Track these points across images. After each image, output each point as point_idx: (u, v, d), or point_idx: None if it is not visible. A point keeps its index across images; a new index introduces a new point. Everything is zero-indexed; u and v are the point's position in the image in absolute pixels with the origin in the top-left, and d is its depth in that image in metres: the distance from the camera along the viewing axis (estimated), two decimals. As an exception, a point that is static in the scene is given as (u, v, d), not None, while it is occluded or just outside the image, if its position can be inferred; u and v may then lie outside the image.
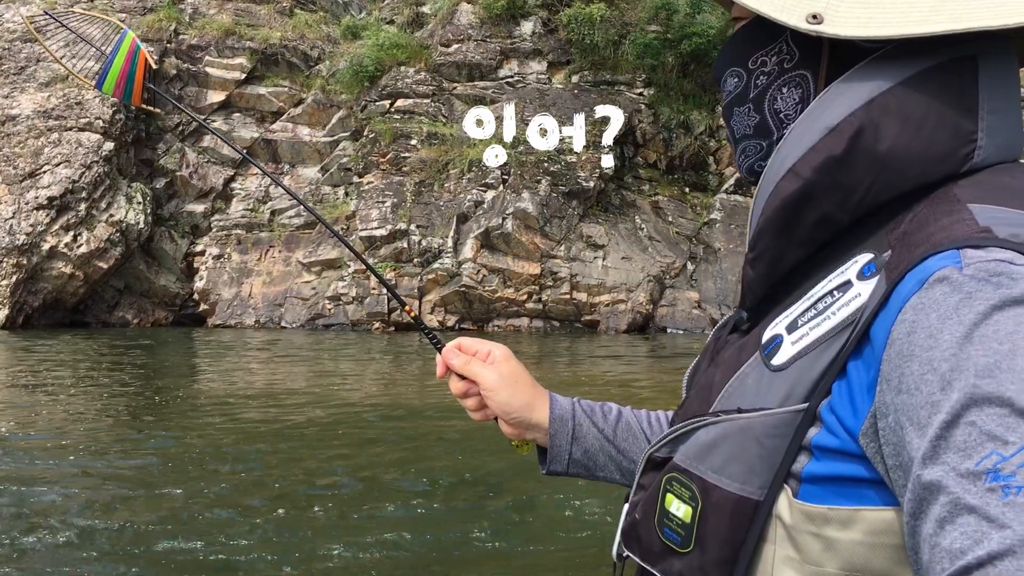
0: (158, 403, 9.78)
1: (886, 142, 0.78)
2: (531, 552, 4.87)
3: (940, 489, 0.61)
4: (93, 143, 19.97)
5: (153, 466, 6.65)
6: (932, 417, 0.63)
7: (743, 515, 0.77)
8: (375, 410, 9.26)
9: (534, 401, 1.21)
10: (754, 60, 0.91)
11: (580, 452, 1.21)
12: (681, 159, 20.89)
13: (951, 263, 0.68)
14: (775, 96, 0.89)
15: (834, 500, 0.73)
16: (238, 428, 8.17)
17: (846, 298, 0.77)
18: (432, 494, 5.94)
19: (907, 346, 0.67)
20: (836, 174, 0.80)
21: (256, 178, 22.33)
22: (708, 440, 0.82)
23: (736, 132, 0.94)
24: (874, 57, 0.82)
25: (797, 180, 0.82)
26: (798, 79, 0.87)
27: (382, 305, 19.24)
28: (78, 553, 4.71)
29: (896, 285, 0.71)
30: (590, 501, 5.71)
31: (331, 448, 7.33)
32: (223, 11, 22.75)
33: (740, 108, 0.93)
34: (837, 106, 0.81)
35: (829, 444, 0.74)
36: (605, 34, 20.22)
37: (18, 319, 19.08)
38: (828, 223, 0.82)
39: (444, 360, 1.24)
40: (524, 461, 6.01)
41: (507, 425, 1.22)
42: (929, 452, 0.63)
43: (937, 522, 0.61)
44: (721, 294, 19.11)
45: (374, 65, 21.01)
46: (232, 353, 15.46)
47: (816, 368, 0.76)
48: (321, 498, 5.82)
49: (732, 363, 0.87)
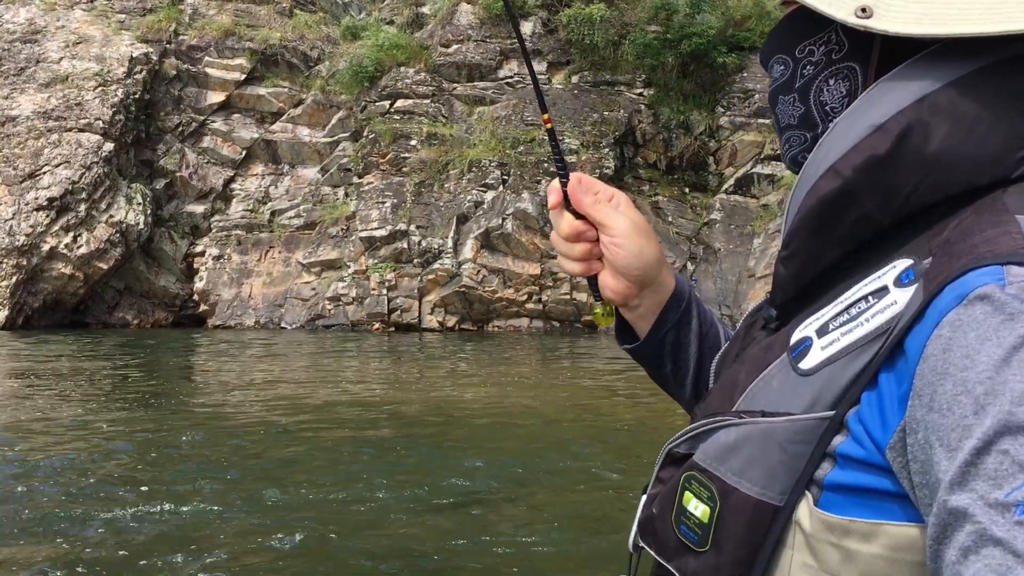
0: (158, 403, 9.77)
1: (935, 143, 0.75)
2: (543, 542, 4.86)
3: (966, 517, 0.59)
4: (93, 144, 19.96)
5: (152, 466, 6.65)
6: (963, 441, 0.61)
7: (762, 519, 0.76)
8: (375, 410, 9.26)
9: (663, 262, 1.08)
10: (801, 49, 0.87)
11: (673, 339, 1.10)
12: (681, 159, 20.89)
13: (993, 280, 0.65)
14: (821, 87, 0.86)
15: (856, 512, 0.71)
16: (238, 428, 8.17)
17: (881, 305, 0.74)
18: (435, 491, 5.93)
19: (942, 363, 0.64)
20: (879, 174, 0.77)
21: (256, 179, 22.33)
22: (729, 441, 0.80)
23: (781, 121, 0.91)
24: (926, 53, 0.78)
25: (837, 179, 0.79)
26: (846, 71, 0.84)
27: (382, 305, 19.25)
28: (76, 553, 4.71)
29: (934, 297, 0.68)
30: (598, 496, 5.70)
31: (330, 447, 7.32)
32: (223, 11, 22.75)
33: (785, 97, 0.90)
34: (885, 103, 0.78)
35: (854, 454, 0.72)
36: (605, 34, 20.22)
37: (18, 320, 19.08)
38: (867, 224, 0.79)
39: (571, 192, 1.04)
40: (522, 456, 5.96)
41: (618, 280, 1.05)
42: (958, 477, 0.60)
43: (961, 551, 0.59)
44: (721, 294, 19.10)
45: (374, 65, 21.01)
46: (232, 354, 15.45)
47: (846, 375, 0.73)
48: (322, 496, 5.81)
49: (758, 362, 0.84)
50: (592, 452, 7.24)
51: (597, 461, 6.95)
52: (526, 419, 8.72)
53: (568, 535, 5.09)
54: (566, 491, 5.98)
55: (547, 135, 1.11)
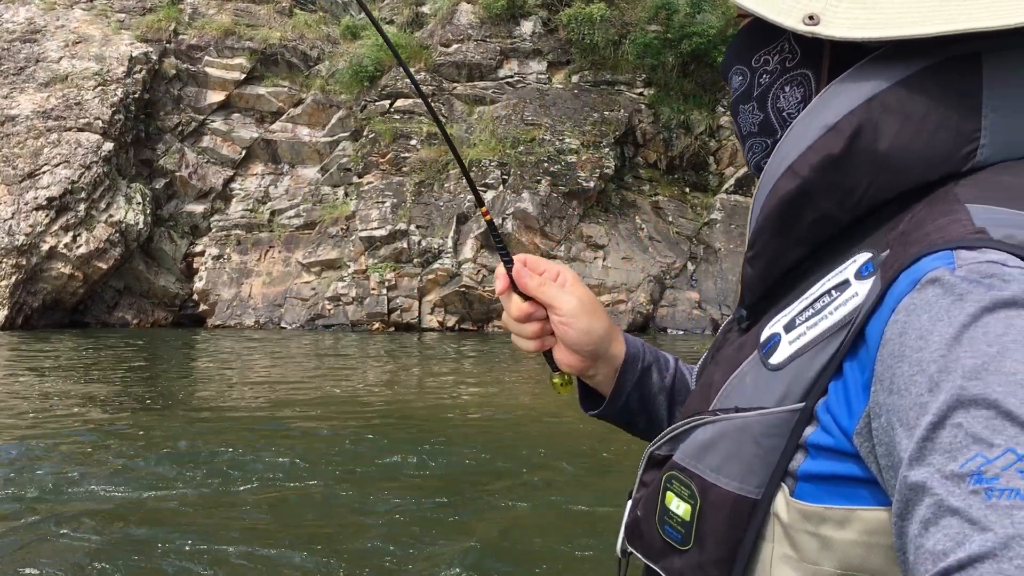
0: (157, 403, 9.76)
1: (885, 141, 0.78)
2: (534, 548, 4.85)
3: (925, 490, 0.61)
4: (92, 143, 19.95)
5: (151, 466, 6.63)
6: (920, 418, 0.63)
7: (741, 513, 0.78)
8: (374, 410, 9.25)
9: (612, 334, 1.12)
10: (757, 58, 0.91)
11: (637, 397, 1.15)
12: (681, 159, 20.88)
13: (944, 264, 0.68)
14: (778, 95, 0.89)
15: (830, 499, 0.73)
16: (236, 428, 8.16)
17: (843, 297, 0.76)
18: (431, 491, 5.92)
19: (899, 347, 0.67)
20: (835, 173, 0.80)
21: (256, 178, 22.32)
22: (706, 439, 0.82)
23: (742, 129, 0.95)
24: (875, 56, 0.81)
25: (795, 179, 0.82)
26: (800, 78, 0.88)
27: (382, 305, 19.24)
28: (73, 552, 4.69)
29: (890, 285, 0.71)
30: (595, 497, 5.69)
31: (330, 447, 7.31)
32: (223, 11, 22.74)
33: (745, 106, 0.93)
34: (836, 105, 0.81)
35: (825, 443, 0.74)
36: (605, 34, 20.21)
37: (17, 319, 19.07)
38: (827, 222, 0.82)
39: (516, 276, 1.09)
40: (522, 457, 5.95)
41: (570, 355, 1.10)
42: (916, 453, 0.63)
43: (922, 523, 0.61)
44: (721, 294, 19.09)
45: (374, 65, 21.00)
46: (231, 354, 15.44)
47: (813, 367, 0.76)
48: (320, 496, 5.80)
49: (731, 361, 0.87)
50: (591, 451, 7.22)
51: (596, 460, 6.94)
52: (526, 419, 8.71)
53: (563, 536, 5.07)
54: (564, 492, 5.97)
55: (487, 225, 1.16)
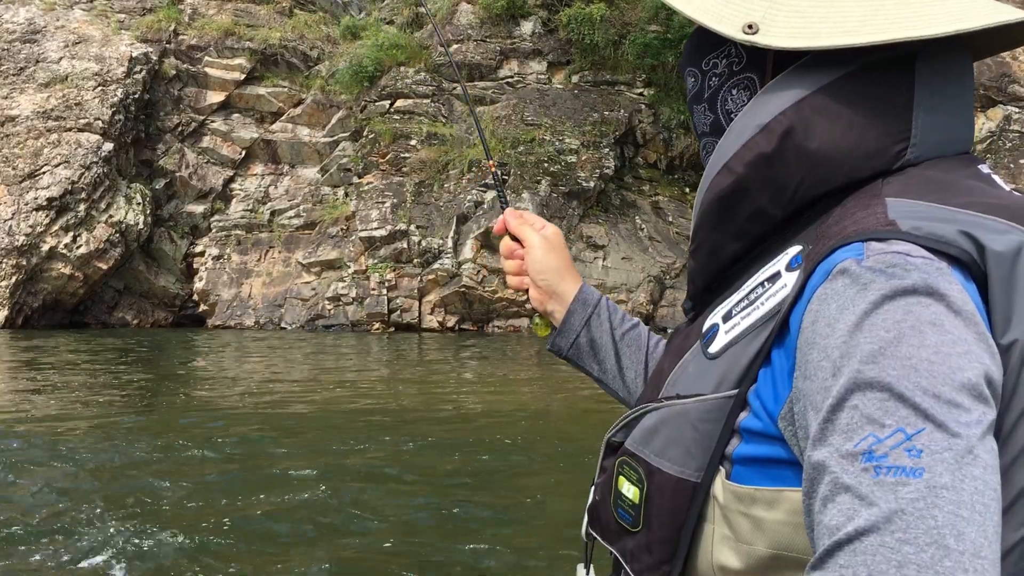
0: (157, 403, 9.76)
1: (815, 140, 0.82)
2: (533, 548, 4.85)
3: (824, 469, 0.65)
4: (92, 144, 19.95)
5: (151, 466, 6.63)
6: (824, 401, 0.67)
7: (683, 496, 0.82)
8: (374, 409, 9.25)
9: (566, 273, 1.28)
10: (707, 62, 0.95)
11: (587, 339, 1.27)
12: (681, 159, 20.88)
13: (853, 255, 0.72)
14: (726, 97, 0.93)
15: (760, 481, 0.77)
16: (237, 428, 8.16)
17: (774, 289, 0.80)
18: (431, 491, 5.92)
19: (811, 334, 0.72)
20: (767, 170, 0.84)
21: (256, 178, 22.32)
22: (651, 425, 0.87)
23: (697, 128, 0.98)
24: (806, 59, 0.84)
25: (730, 175, 0.86)
26: (746, 82, 0.91)
27: (382, 305, 19.23)
28: (68, 552, 4.70)
29: (809, 276, 0.75)
30: (586, 495, 5.68)
31: (330, 446, 7.31)
32: (222, 11, 22.75)
33: (698, 106, 0.97)
34: (770, 105, 0.85)
35: (755, 427, 0.78)
36: (605, 34, 20.21)
37: (17, 320, 19.07)
38: (762, 217, 0.86)
39: (506, 217, 1.32)
40: (522, 457, 5.94)
41: (535, 289, 1.28)
42: (818, 434, 0.67)
43: (821, 500, 0.65)
44: (721, 294, 19.11)
45: (374, 65, 21.00)
46: (231, 354, 15.44)
47: (746, 355, 0.80)
48: (320, 496, 5.80)
49: (678, 351, 0.91)
50: (592, 451, 7.21)
51: (596, 460, 6.92)
52: (526, 418, 8.71)
53: (563, 536, 5.07)
54: (564, 492, 5.97)
55: (492, 177, 1.45)
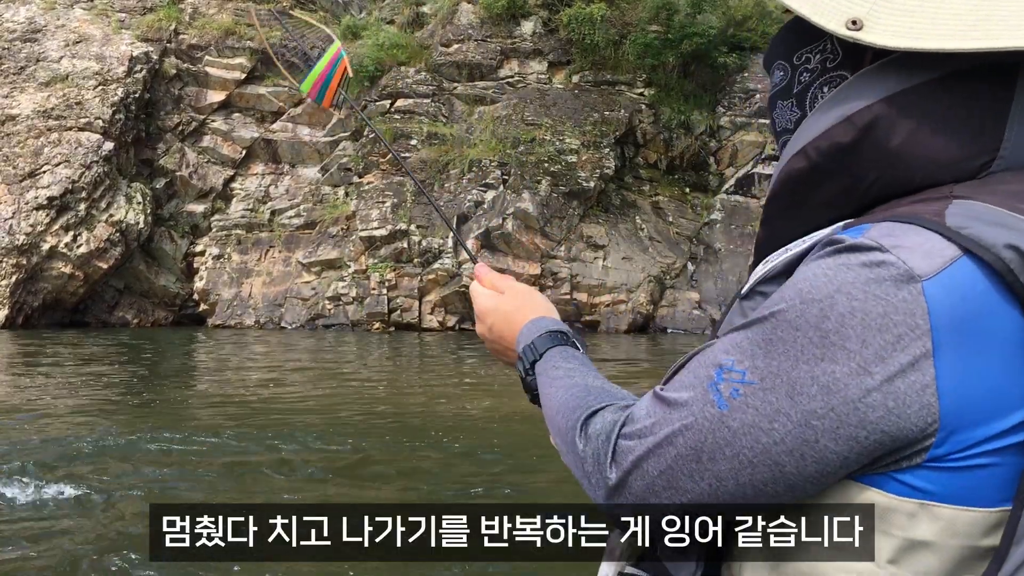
0: (157, 403, 9.76)
1: (897, 139, 0.78)
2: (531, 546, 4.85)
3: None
4: (93, 143, 19.94)
5: (151, 465, 6.64)
6: None
7: None
8: (374, 409, 9.25)
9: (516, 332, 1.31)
10: (799, 56, 0.91)
11: None
12: (682, 159, 20.87)
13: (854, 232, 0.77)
14: (816, 94, 0.89)
15: None
16: (236, 427, 8.15)
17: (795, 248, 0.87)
18: (430, 491, 5.92)
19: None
20: (842, 160, 0.81)
21: (256, 178, 22.32)
22: None
23: (777, 125, 0.95)
24: (904, 55, 0.80)
25: (805, 160, 0.84)
26: (839, 80, 0.87)
27: (382, 305, 19.23)
28: (68, 551, 4.70)
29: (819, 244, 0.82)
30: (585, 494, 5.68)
31: (330, 446, 7.31)
32: (223, 11, 22.74)
33: (784, 102, 0.93)
34: (855, 98, 0.81)
35: None
36: (605, 34, 20.19)
37: (18, 319, 19.06)
38: (831, 209, 0.84)
39: (477, 273, 1.37)
40: (522, 457, 5.90)
41: None
42: None
43: None
44: (722, 294, 19.08)
45: (374, 65, 20.99)
46: (232, 353, 15.44)
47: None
48: (320, 495, 5.80)
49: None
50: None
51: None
52: (525, 419, 8.70)
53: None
54: (564, 491, 5.96)
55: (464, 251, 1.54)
